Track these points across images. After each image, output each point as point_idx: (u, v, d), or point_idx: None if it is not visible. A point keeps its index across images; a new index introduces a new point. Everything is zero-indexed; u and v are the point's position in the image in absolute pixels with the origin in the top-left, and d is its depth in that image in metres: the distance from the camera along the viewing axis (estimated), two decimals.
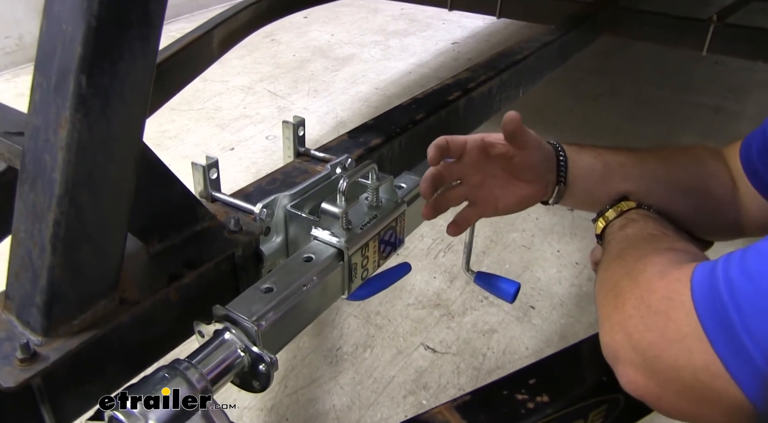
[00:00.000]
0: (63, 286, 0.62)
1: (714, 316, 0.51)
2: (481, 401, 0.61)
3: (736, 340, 0.49)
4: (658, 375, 0.57)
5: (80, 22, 0.56)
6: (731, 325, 0.49)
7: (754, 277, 0.50)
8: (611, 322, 0.62)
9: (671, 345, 0.54)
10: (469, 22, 4.82)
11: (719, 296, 0.51)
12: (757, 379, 0.48)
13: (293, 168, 1.02)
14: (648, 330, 0.57)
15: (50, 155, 0.59)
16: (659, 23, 2.43)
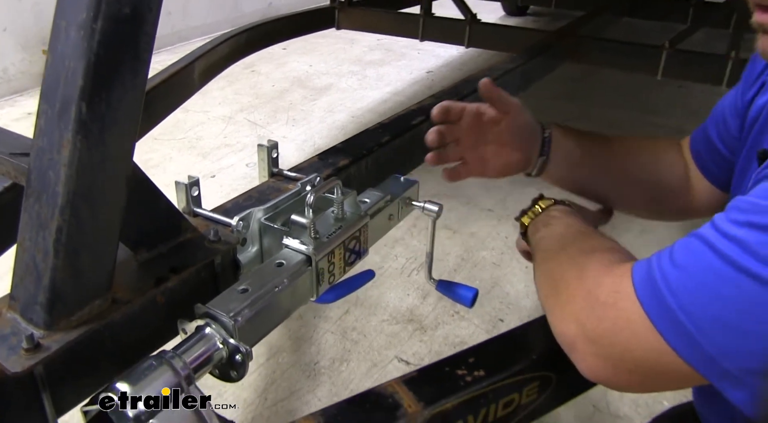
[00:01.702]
0: (63, 286, 0.72)
1: (655, 302, 0.59)
2: (426, 376, 0.71)
3: (675, 319, 0.57)
4: (612, 358, 0.65)
5: (81, 59, 0.66)
6: (669, 307, 0.58)
7: (683, 267, 0.59)
8: (563, 313, 0.70)
9: (622, 331, 0.62)
10: (443, 51, 4.99)
11: (657, 286, 0.60)
12: (694, 348, 0.56)
13: (267, 187, 1.12)
14: (600, 320, 0.65)
15: (54, 172, 0.69)
16: (617, 50, 2.58)
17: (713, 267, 0.56)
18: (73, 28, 0.67)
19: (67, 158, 0.68)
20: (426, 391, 0.68)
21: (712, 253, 0.57)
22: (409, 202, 1.16)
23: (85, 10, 0.66)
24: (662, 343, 0.59)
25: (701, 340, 0.56)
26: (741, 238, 0.55)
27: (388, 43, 5.19)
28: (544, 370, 0.74)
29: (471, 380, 0.69)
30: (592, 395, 1.72)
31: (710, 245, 0.57)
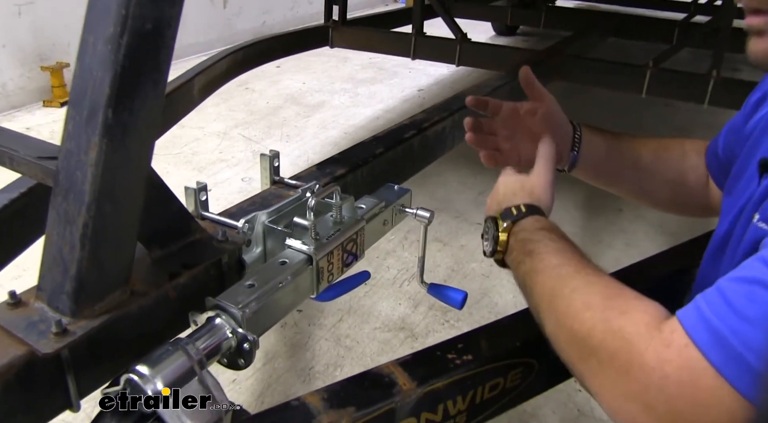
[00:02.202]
0: (88, 277, 0.78)
1: (740, 370, 0.52)
2: (419, 359, 0.78)
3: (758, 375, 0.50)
4: None
5: (108, 70, 0.73)
6: (757, 372, 0.50)
7: (757, 320, 0.52)
8: (617, 390, 0.61)
9: (708, 412, 0.54)
10: (434, 70, 5.09)
11: (735, 350, 0.52)
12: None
13: (269, 193, 1.20)
14: (674, 401, 0.56)
15: (81, 172, 0.76)
16: (602, 69, 2.68)
17: None
18: (100, 41, 0.74)
19: (93, 159, 0.75)
20: (419, 372, 0.75)
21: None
22: (402, 208, 1.23)
23: (112, 25, 0.73)
24: (743, 402, 0.52)
25: None
26: None
27: (380, 61, 5.29)
28: (527, 356, 0.81)
29: (460, 363, 0.76)
30: (577, 400, 1.79)
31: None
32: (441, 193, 3.02)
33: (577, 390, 1.82)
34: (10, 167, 0.92)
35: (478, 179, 3.19)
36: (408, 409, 0.73)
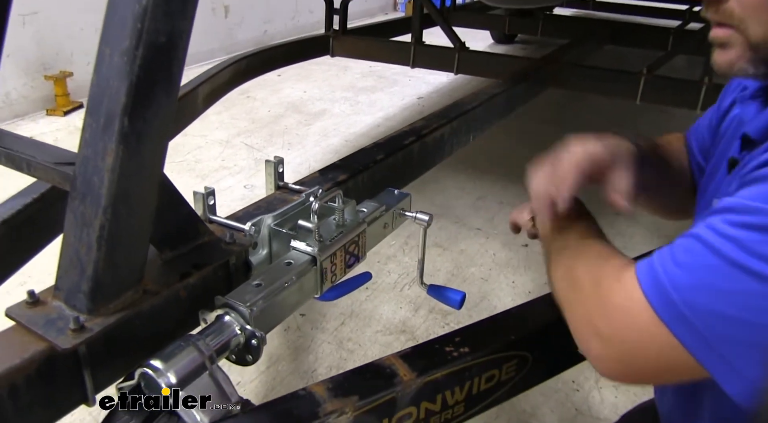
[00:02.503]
0: (104, 276, 0.82)
1: (661, 299, 0.63)
2: (419, 352, 0.82)
3: (680, 313, 0.62)
4: (625, 357, 0.69)
5: (124, 80, 0.78)
6: (674, 303, 0.62)
7: (684, 266, 0.63)
8: (579, 316, 0.74)
9: (633, 330, 0.66)
10: (434, 78, 5.14)
11: (663, 285, 0.64)
12: (697, 339, 0.61)
13: (274, 198, 1.24)
14: (612, 321, 0.68)
15: (98, 177, 0.80)
16: (598, 76, 2.72)
17: (713, 265, 0.61)
18: (116, 54, 0.79)
19: (110, 165, 0.79)
20: (418, 364, 0.79)
21: (710, 252, 0.61)
22: (402, 212, 1.28)
23: (128, 38, 0.78)
24: (669, 336, 0.63)
25: (704, 332, 0.60)
26: (737, 238, 0.60)
27: (380, 70, 5.34)
28: (521, 350, 0.85)
29: (457, 355, 0.80)
30: (575, 399, 1.83)
31: (709, 245, 0.62)
32: (440, 199, 3.07)
33: (574, 390, 1.86)
34: (27, 172, 0.96)
35: (476, 185, 3.23)
36: (408, 399, 0.77)
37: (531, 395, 1.83)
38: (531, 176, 0.91)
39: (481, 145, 3.30)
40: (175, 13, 0.81)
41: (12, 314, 0.84)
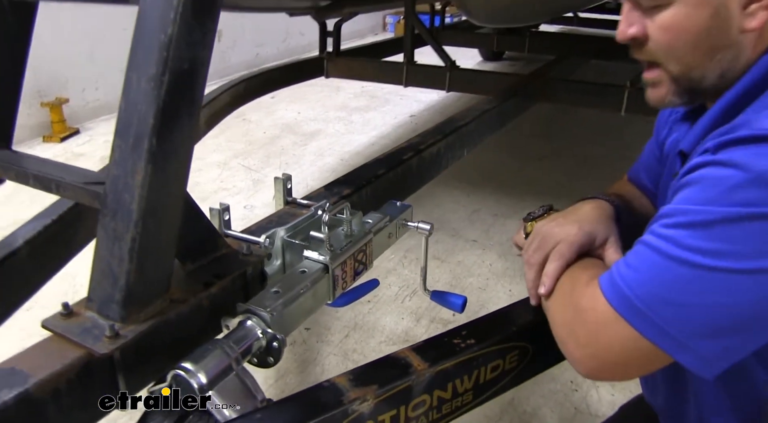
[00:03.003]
0: (135, 286, 0.89)
1: (618, 298, 0.73)
2: (430, 345, 0.89)
3: (635, 306, 0.71)
4: (598, 355, 0.77)
5: (152, 104, 0.85)
6: (629, 299, 0.72)
7: (634, 267, 0.73)
8: (559, 322, 0.85)
9: (600, 329, 0.76)
10: (425, 96, 5.24)
11: (618, 286, 0.74)
12: (652, 326, 0.70)
13: (284, 212, 1.31)
14: (583, 324, 0.78)
15: (129, 194, 0.87)
16: (584, 90, 2.82)
17: (655, 261, 0.71)
18: (143, 79, 0.86)
19: (140, 182, 0.86)
20: (430, 355, 0.86)
21: (652, 252, 0.72)
22: (404, 222, 1.35)
23: (155, 66, 0.85)
24: (630, 328, 0.72)
25: (655, 319, 0.70)
26: (671, 236, 0.70)
27: (372, 89, 5.44)
28: (522, 341, 0.93)
29: (464, 346, 0.87)
30: (574, 399, 1.89)
31: (651, 246, 0.72)
32: (436, 213, 3.14)
33: (573, 390, 1.92)
34: (55, 193, 1.03)
35: (470, 199, 3.31)
36: (422, 387, 0.84)
37: (532, 397, 1.90)
38: (524, 249, 1.00)
39: (473, 160, 3.39)
40: (197, 42, 0.88)
41: (48, 325, 0.90)
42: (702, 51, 0.78)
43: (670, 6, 0.77)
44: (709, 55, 0.79)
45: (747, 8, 0.75)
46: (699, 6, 0.75)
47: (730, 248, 0.66)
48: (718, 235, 0.67)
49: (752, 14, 0.75)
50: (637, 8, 0.82)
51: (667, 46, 0.80)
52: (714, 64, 0.79)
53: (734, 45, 0.78)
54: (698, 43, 0.78)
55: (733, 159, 0.68)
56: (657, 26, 0.80)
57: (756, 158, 0.66)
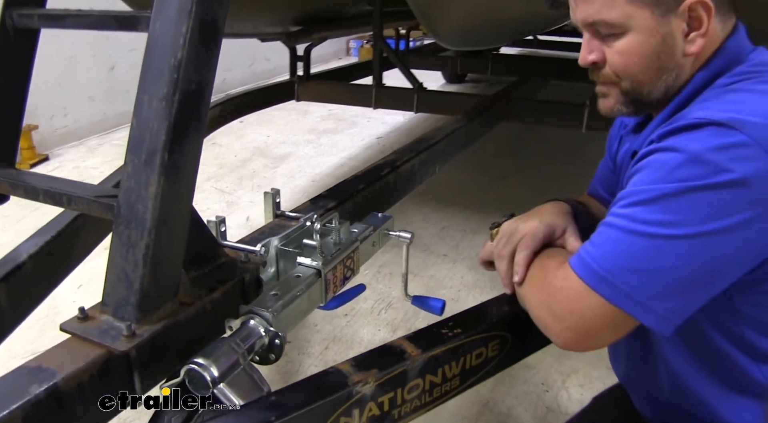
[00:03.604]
0: (149, 290, 0.97)
1: (587, 272, 0.84)
2: (421, 335, 0.98)
3: (601, 277, 0.82)
4: (573, 327, 0.87)
5: (164, 121, 0.93)
6: (596, 271, 0.83)
7: (598, 244, 0.86)
8: (538, 303, 0.94)
9: (574, 303, 0.86)
10: (391, 118, 5.36)
11: (586, 262, 0.85)
12: (617, 292, 0.81)
13: (275, 224, 1.39)
14: (559, 301, 0.89)
15: (142, 205, 0.95)
16: (546, 109, 2.96)
17: (616, 237, 0.83)
18: (155, 99, 0.95)
19: (153, 193, 0.94)
20: (422, 343, 0.95)
21: (612, 228, 0.84)
22: (386, 232, 1.45)
23: (166, 86, 0.94)
24: (598, 297, 0.83)
25: (620, 286, 0.81)
26: (626, 214, 0.83)
27: (339, 112, 5.55)
28: (502, 330, 1.03)
29: (452, 335, 0.97)
30: (546, 399, 1.99)
31: (611, 225, 0.85)
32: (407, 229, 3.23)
33: (544, 391, 2.02)
34: (67, 207, 1.10)
35: (440, 215, 3.42)
36: (416, 372, 0.93)
37: (506, 398, 1.99)
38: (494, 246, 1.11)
39: (442, 179, 3.50)
40: (204, 65, 0.98)
41: (67, 328, 0.97)
42: (651, 71, 0.92)
43: (626, 34, 0.90)
44: (657, 74, 0.92)
45: (688, 36, 0.89)
46: (650, 35, 0.89)
47: (676, 218, 0.78)
48: (665, 207, 0.79)
49: (692, 41, 0.89)
50: (596, 37, 0.95)
51: (623, 67, 0.93)
52: (660, 82, 0.93)
53: (677, 66, 0.92)
54: (649, 65, 0.91)
55: (673, 145, 0.81)
56: (614, 51, 0.93)
57: (690, 142, 0.79)
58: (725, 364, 0.93)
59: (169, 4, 0.96)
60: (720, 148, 0.77)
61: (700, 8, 0.87)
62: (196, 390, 0.96)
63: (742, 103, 0.83)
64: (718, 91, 0.89)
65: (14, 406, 0.81)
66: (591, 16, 0.93)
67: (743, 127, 0.78)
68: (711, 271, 0.81)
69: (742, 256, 0.81)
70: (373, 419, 0.91)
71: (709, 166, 0.77)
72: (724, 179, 0.76)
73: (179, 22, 0.95)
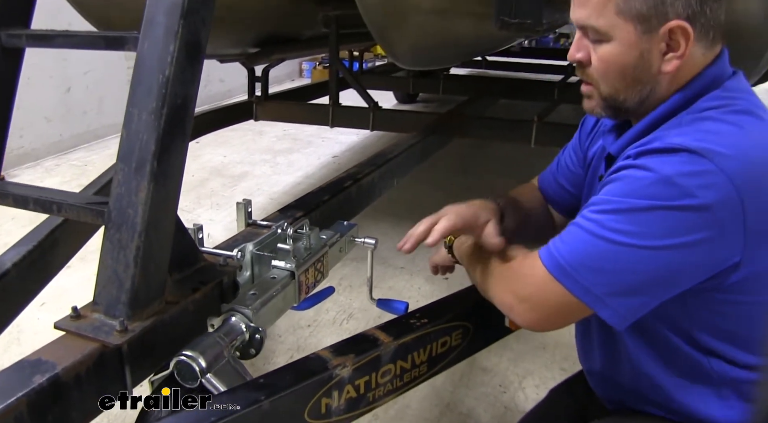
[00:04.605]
0: (139, 289, 1.04)
1: (554, 264, 0.93)
2: (393, 324, 1.08)
3: (566, 270, 0.92)
4: (536, 309, 0.98)
5: (153, 133, 1.02)
6: (562, 265, 0.92)
7: (566, 241, 0.94)
8: (501, 289, 1.04)
9: (539, 289, 0.96)
10: (346, 138, 5.47)
11: (554, 256, 0.94)
12: (578, 286, 0.91)
13: (248, 232, 1.48)
14: (525, 285, 0.99)
15: (133, 209, 1.03)
16: (496, 126, 3.11)
17: (583, 238, 0.92)
18: (144, 113, 1.03)
19: (143, 199, 1.02)
20: (393, 332, 1.06)
21: (581, 230, 0.93)
22: (352, 238, 1.55)
23: (155, 101, 1.02)
24: (561, 287, 0.93)
25: (581, 281, 0.91)
26: (596, 219, 0.92)
27: (294, 132, 5.64)
28: (464, 321, 1.13)
29: (419, 325, 1.07)
30: (503, 399, 2.10)
31: (580, 226, 0.94)
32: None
33: (502, 392, 2.13)
34: (56, 214, 1.17)
35: (396, 230, 3.52)
36: (389, 357, 1.03)
37: (466, 399, 2.10)
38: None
39: (400, 196, 3.63)
40: (188, 81, 1.07)
41: (61, 326, 1.04)
42: (627, 81, 1.01)
43: (609, 42, 0.99)
44: (632, 85, 1.01)
45: (665, 56, 0.97)
46: (630, 47, 0.97)
47: (640, 230, 0.88)
48: (632, 219, 0.88)
49: (669, 61, 0.97)
50: (586, 36, 1.03)
51: (602, 72, 1.02)
52: (635, 93, 1.01)
53: (652, 81, 1.00)
54: (625, 75, 1.00)
55: (647, 164, 0.90)
56: (597, 56, 1.01)
57: (664, 165, 0.88)
58: (679, 356, 1.03)
59: (156, 26, 1.05)
60: (690, 174, 0.87)
61: (680, 33, 0.95)
62: (184, 381, 1.04)
63: (714, 133, 0.91)
64: (693, 116, 0.97)
65: (20, 394, 0.88)
66: (582, 20, 1.01)
67: (713, 157, 0.87)
68: (664, 280, 0.91)
69: (694, 270, 0.91)
70: (351, 401, 1.00)
71: (677, 189, 0.86)
72: (688, 203, 0.86)
73: (166, 42, 1.04)
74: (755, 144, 0.90)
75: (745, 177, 0.86)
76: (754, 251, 0.89)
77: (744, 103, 0.96)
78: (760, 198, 0.88)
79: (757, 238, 0.89)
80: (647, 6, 0.94)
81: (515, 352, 2.39)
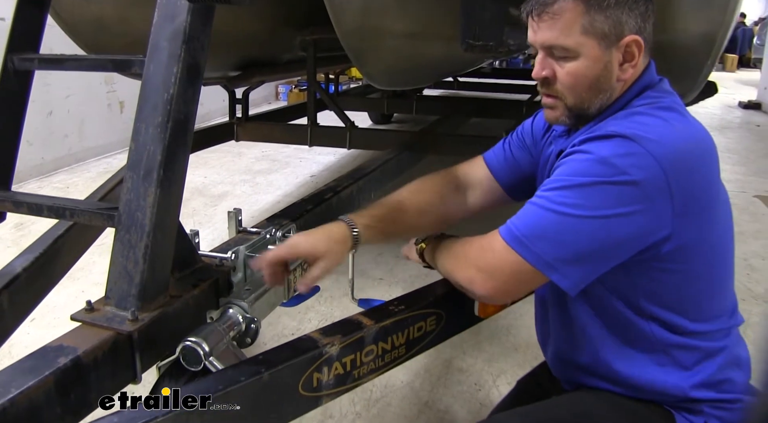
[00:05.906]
0: (147, 283, 1.17)
1: (511, 237, 1.04)
2: (374, 310, 1.22)
3: (521, 241, 1.03)
4: (496, 278, 1.07)
5: (159, 144, 1.15)
6: (517, 236, 1.04)
7: (521, 216, 1.06)
8: (463, 266, 1.14)
9: (498, 260, 1.06)
10: (323, 158, 5.62)
11: (511, 229, 1.05)
12: (532, 254, 1.02)
13: (239, 238, 1.61)
14: (485, 259, 1.09)
15: (141, 212, 1.16)
16: (467, 142, 3.28)
17: (535, 211, 1.05)
18: (151, 127, 1.17)
19: (151, 203, 1.16)
20: (375, 316, 1.19)
21: (535, 206, 1.06)
22: None
23: (161, 116, 1.16)
24: (518, 257, 1.04)
25: (534, 249, 1.02)
26: (548, 196, 1.04)
27: (272, 153, 5.77)
28: (437, 308, 1.27)
29: (398, 311, 1.21)
30: (479, 396, 2.24)
31: (534, 203, 1.06)
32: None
33: (477, 390, 2.27)
34: (68, 219, 1.30)
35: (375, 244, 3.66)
36: (371, 338, 1.16)
37: (444, 398, 2.23)
38: None
39: None
40: (189, 99, 1.21)
41: (77, 317, 1.16)
42: (593, 91, 1.14)
43: (576, 58, 1.12)
44: (596, 93, 1.15)
45: (623, 66, 1.13)
46: (595, 61, 1.12)
47: (582, 202, 1.02)
48: (576, 194, 1.02)
49: (625, 70, 1.13)
50: (550, 56, 1.16)
51: (569, 85, 1.15)
52: (597, 100, 1.16)
53: (611, 88, 1.15)
54: (591, 86, 1.14)
55: (588, 148, 1.05)
56: (565, 72, 1.14)
57: (600, 148, 1.04)
58: (625, 326, 1.16)
59: (161, 50, 1.19)
60: (623, 155, 1.02)
61: (634, 45, 1.11)
62: (189, 365, 1.16)
63: (644, 124, 1.07)
64: (629, 111, 1.12)
65: (48, 372, 1.00)
66: (550, 41, 1.14)
67: (642, 141, 1.02)
68: (608, 247, 1.03)
69: (631, 240, 1.03)
70: (339, 376, 1.14)
71: (613, 168, 1.01)
72: (623, 179, 1.01)
73: (170, 64, 1.18)
74: (678, 135, 1.06)
75: (670, 162, 1.02)
76: (682, 226, 1.04)
77: (668, 102, 1.13)
78: (683, 181, 1.03)
79: (683, 216, 1.04)
80: (608, 25, 1.09)
81: (489, 353, 2.53)
